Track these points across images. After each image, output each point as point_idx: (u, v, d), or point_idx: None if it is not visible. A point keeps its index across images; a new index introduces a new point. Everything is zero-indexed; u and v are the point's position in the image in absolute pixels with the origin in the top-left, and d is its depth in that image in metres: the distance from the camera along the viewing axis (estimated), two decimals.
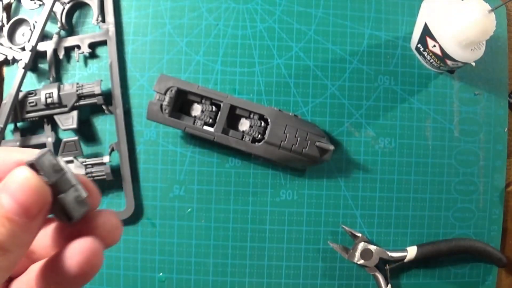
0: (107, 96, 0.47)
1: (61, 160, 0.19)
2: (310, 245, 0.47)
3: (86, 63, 0.49)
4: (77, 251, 0.19)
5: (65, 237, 0.21)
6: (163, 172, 0.48)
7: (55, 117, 0.46)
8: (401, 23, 0.50)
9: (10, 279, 0.21)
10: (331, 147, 0.44)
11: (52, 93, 0.45)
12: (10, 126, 0.47)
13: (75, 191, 0.20)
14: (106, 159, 0.45)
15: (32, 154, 0.19)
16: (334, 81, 0.48)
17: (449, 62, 0.44)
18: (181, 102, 0.45)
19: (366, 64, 0.49)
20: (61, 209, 0.19)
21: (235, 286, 0.47)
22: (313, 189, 0.48)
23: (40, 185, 0.18)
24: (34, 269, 0.21)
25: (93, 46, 0.48)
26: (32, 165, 0.18)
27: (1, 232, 0.17)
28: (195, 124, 0.44)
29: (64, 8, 0.48)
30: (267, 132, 0.44)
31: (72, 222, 0.20)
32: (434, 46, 0.44)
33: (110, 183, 0.46)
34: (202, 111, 0.44)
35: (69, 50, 0.48)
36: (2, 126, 0.44)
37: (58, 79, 0.48)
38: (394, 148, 0.48)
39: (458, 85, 0.49)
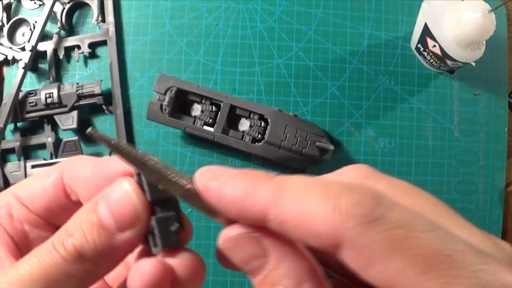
0: (107, 96, 0.46)
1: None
2: None
3: (86, 63, 0.49)
4: (136, 272, 0.17)
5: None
6: None
7: (55, 117, 0.46)
8: (401, 23, 0.50)
9: None
10: (331, 147, 0.44)
11: (52, 93, 0.45)
12: (10, 126, 0.47)
13: (172, 218, 0.18)
14: None
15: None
16: (334, 81, 0.48)
17: (449, 62, 0.44)
18: (181, 102, 0.45)
19: (366, 64, 0.49)
20: (149, 232, 0.17)
21: (235, 286, 0.47)
22: None
23: (138, 202, 0.17)
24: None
25: (93, 46, 0.48)
26: (140, 175, 0.17)
27: (88, 240, 0.16)
28: (195, 124, 0.44)
29: (64, 8, 0.48)
30: (267, 132, 0.44)
31: (155, 251, 0.17)
32: (434, 46, 0.44)
33: None
34: (202, 111, 0.44)
35: (69, 50, 0.48)
36: (2, 126, 0.44)
37: (58, 79, 0.48)
38: (394, 148, 0.48)
39: (458, 85, 0.49)
